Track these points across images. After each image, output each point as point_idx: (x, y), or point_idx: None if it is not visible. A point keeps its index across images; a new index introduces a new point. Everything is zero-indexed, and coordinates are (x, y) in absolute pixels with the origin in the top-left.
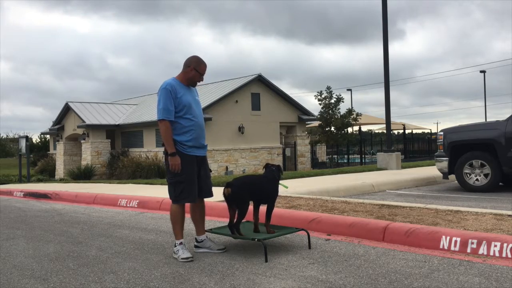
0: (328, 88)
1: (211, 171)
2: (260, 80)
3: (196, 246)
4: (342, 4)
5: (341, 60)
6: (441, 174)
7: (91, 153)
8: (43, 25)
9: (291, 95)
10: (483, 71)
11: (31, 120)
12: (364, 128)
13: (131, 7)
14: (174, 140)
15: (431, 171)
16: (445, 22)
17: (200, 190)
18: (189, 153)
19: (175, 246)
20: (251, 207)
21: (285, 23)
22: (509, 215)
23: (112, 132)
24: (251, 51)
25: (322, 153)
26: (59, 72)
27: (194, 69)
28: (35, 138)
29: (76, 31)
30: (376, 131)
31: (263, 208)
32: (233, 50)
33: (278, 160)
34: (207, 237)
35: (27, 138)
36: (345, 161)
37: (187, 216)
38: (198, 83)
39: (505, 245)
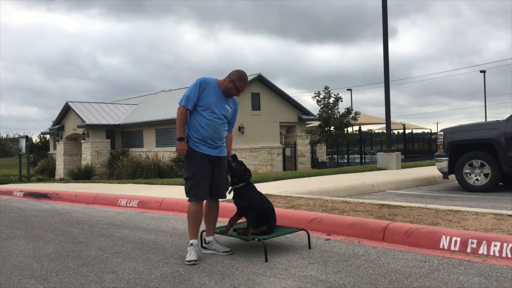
0: (326, 88)
1: (228, 173)
2: (260, 80)
3: (203, 247)
4: (331, 3)
5: (334, 59)
6: (441, 174)
7: (91, 153)
8: (27, 23)
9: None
10: (483, 71)
11: (27, 120)
12: (364, 128)
13: (116, 5)
14: (186, 135)
15: (431, 171)
16: (437, 20)
17: (211, 190)
18: (200, 150)
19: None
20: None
21: (276, 22)
22: (509, 215)
23: (112, 132)
24: (242, 49)
25: (322, 153)
26: (50, 71)
27: (233, 82)
28: (35, 138)
29: (62, 29)
30: (376, 131)
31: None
32: (223, 48)
33: (278, 160)
34: (214, 238)
35: (27, 138)
36: (345, 161)
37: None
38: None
39: (505, 245)
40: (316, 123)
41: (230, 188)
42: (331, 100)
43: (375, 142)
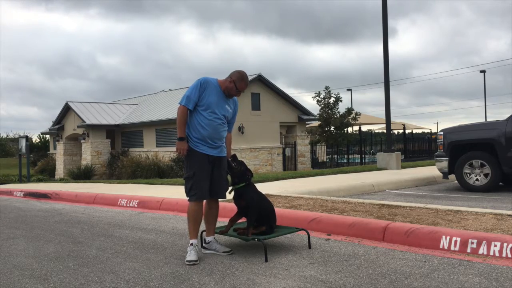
0: (327, 88)
1: (228, 173)
2: (260, 80)
3: (203, 247)
4: (330, 3)
5: (334, 59)
6: (441, 174)
7: (91, 153)
8: (26, 23)
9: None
10: (483, 71)
11: (27, 120)
12: (364, 128)
13: (115, 5)
14: (186, 135)
15: (431, 171)
16: (436, 20)
17: (211, 190)
18: (200, 150)
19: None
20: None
21: (275, 22)
22: (509, 215)
23: (112, 132)
24: (242, 49)
25: (322, 153)
26: (49, 71)
27: (233, 82)
28: (35, 138)
29: (61, 29)
30: (376, 131)
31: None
32: (223, 48)
33: (278, 160)
34: (214, 238)
35: (27, 138)
36: (345, 161)
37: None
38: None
39: (505, 245)
40: (316, 123)
41: (230, 188)
42: (331, 100)
43: (375, 142)
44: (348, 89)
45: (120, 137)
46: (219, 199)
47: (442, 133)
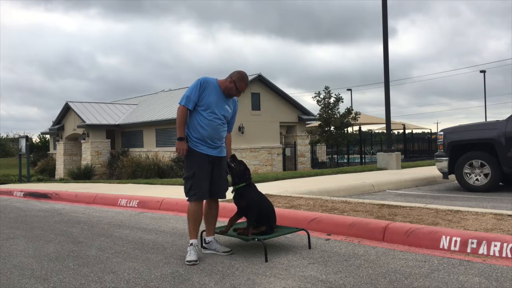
0: (326, 88)
1: (227, 173)
2: (260, 80)
3: (203, 247)
4: (330, 3)
5: (334, 59)
6: (441, 174)
7: (91, 153)
8: (26, 23)
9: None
10: (483, 71)
11: (27, 120)
12: (364, 128)
13: (115, 5)
14: (186, 135)
15: (431, 171)
16: (436, 20)
17: (211, 190)
18: (199, 150)
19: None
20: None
21: (275, 22)
22: (509, 215)
23: (112, 132)
24: (241, 49)
25: (322, 153)
26: (49, 71)
27: (233, 82)
28: (35, 138)
29: (61, 29)
30: (376, 131)
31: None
32: (222, 48)
33: (278, 160)
34: (214, 238)
35: (27, 138)
36: (345, 161)
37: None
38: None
39: (505, 245)
40: (316, 123)
41: (231, 188)
42: (331, 100)
43: (375, 142)
44: (348, 89)
45: (120, 137)
46: (219, 199)
47: (442, 133)
